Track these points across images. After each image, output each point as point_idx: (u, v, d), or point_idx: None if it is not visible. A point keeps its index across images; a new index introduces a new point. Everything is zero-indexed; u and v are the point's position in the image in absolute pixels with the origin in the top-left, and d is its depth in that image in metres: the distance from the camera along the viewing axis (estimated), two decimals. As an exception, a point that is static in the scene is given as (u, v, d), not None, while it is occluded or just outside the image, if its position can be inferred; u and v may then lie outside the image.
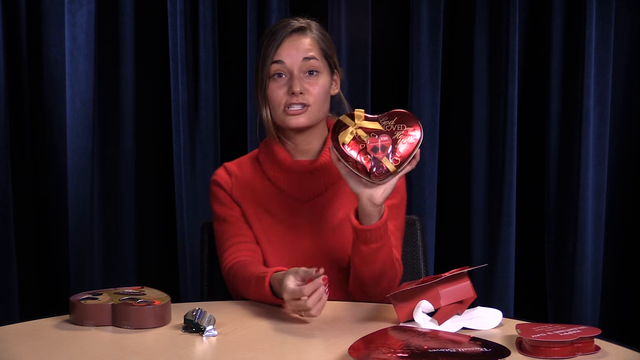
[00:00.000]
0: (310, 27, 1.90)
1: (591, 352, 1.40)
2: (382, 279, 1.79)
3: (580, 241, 2.80)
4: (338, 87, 1.95)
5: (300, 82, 1.84)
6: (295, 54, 1.85)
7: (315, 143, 1.92)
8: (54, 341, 1.50)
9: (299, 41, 1.87)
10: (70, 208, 2.84)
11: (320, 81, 1.87)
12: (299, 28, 1.88)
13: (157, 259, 2.97)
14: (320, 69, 1.87)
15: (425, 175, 2.86)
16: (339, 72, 1.95)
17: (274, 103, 1.87)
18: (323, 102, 1.88)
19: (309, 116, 1.86)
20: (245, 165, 1.98)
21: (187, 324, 1.54)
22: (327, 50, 1.90)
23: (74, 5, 2.81)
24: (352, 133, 1.70)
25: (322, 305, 1.61)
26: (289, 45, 1.86)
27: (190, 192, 2.90)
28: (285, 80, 1.86)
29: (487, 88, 2.87)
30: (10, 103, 2.81)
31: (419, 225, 2.10)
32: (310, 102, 1.85)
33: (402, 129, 1.70)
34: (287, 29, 1.87)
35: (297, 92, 1.83)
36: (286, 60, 1.85)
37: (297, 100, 1.84)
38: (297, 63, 1.85)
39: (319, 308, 1.60)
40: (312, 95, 1.85)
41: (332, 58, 1.92)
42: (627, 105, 2.86)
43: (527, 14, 2.85)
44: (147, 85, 2.92)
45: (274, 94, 1.86)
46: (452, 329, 1.53)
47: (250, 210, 1.92)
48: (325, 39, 1.91)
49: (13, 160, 2.82)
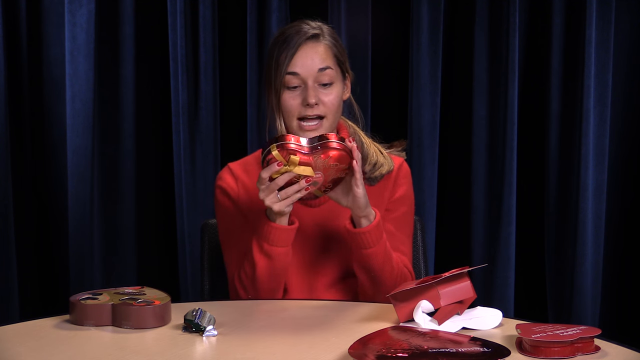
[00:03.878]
0: (323, 32, 1.88)
1: (591, 352, 1.40)
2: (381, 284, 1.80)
3: (580, 241, 2.80)
4: (349, 91, 1.94)
5: (315, 92, 1.83)
6: (310, 64, 1.84)
7: None
8: (54, 341, 1.49)
9: (314, 50, 1.85)
10: (70, 208, 2.83)
11: (334, 91, 1.86)
12: (313, 35, 1.86)
13: (157, 259, 2.97)
14: (334, 79, 1.86)
15: (425, 175, 2.86)
16: (350, 75, 1.94)
17: (288, 114, 1.85)
18: (337, 111, 1.88)
19: (324, 129, 1.85)
20: (251, 166, 1.95)
21: (187, 324, 1.54)
22: (340, 56, 1.89)
23: (74, 5, 2.81)
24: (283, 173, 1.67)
25: (276, 195, 1.69)
26: (304, 55, 1.84)
27: (190, 192, 2.90)
28: (299, 90, 1.84)
29: (487, 88, 2.87)
30: (10, 103, 2.81)
31: (419, 225, 2.10)
32: (325, 113, 1.84)
33: (334, 165, 1.68)
34: (300, 37, 1.84)
35: (312, 103, 1.82)
36: (301, 72, 1.83)
37: (312, 112, 1.83)
38: (312, 74, 1.84)
39: (270, 198, 1.69)
40: (327, 106, 1.84)
41: (344, 64, 1.91)
42: (627, 105, 2.86)
43: (527, 14, 2.85)
44: (147, 85, 2.92)
45: (289, 104, 1.84)
46: (452, 329, 1.53)
47: (257, 215, 1.87)
48: (337, 44, 1.90)
49: (13, 160, 2.82)
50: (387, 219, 1.90)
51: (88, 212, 2.85)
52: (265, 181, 1.69)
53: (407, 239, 1.93)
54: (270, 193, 1.70)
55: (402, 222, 1.92)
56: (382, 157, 1.93)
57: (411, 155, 2.85)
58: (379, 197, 1.91)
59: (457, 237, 2.92)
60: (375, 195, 1.90)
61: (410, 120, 2.87)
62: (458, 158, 2.92)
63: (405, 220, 1.93)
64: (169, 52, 2.85)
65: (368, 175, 1.90)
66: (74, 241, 2.85)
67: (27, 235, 2.87)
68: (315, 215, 1.90)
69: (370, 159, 1.91)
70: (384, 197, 1.92)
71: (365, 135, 1.96)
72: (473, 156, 2.88)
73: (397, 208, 1.92)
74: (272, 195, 1.70)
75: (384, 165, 1.91)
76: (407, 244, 1.93)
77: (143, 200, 2.94)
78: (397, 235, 1.90)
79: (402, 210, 1.92)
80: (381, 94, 2.92)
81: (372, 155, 1.92)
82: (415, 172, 2.84)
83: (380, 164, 1.91)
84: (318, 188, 1.72)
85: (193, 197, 2.90)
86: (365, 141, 1.94)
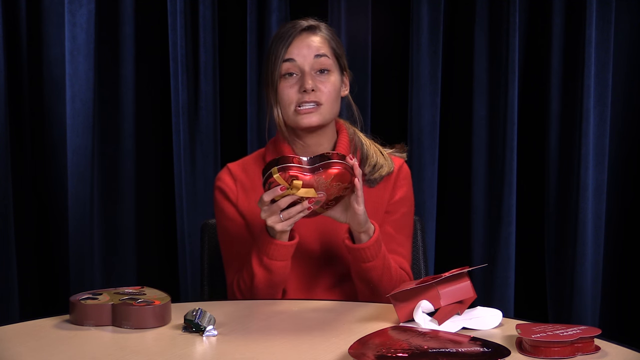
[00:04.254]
0: (320, 26, 1.89)
1: (591, 352, 1.40)
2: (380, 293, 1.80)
3: (580, 241, 2.80)
4: (347, 88, 1.94)
5: (312, 79, 1.83)
6: (307, 51, 1.84)
7: (326, 144, 1.91)
8: (54, 341, 1.49)
9: (310, 39, 1.85)
10: (70, 208, 2.84)
11: (331, 79, 1.85)
12: (309, 27, 1.87)
13: (157, 259, 2.97)
14: (331, 67, 1.86)
15: (425, 175, 2.86)
16: (348, 74, 1.94)
17: (286, 102, 1.84)
18: (334, 101, 1.86)
19: (321, 114, 1.84)
20: (250, 166, 1.95)
21: (187, 324, 1.54)
22: (337, 50, 1.89)
23: (74, 5, 2.81)
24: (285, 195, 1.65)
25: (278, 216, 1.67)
26: (300, 44, 1.84)
27: (190, 192, 2.90)
28: (296, 79, 1.84)
29: (487, 88, 2.87)
30: (10, 103, 2.81)
31: (419, 225, 2.10)
32: (322, 100, 1.83)
33: (336, 184, 1.66)
34: (297, 28, 1.86)
35: (309, 89, 1.81)
36: (297, 58, 1.83)
37: (309, 98, 1.82)
38: (308, 61, 1.84)
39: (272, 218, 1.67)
40: (324, 93, 1.83)
41: (342, 58, 1.91)
42: (627, 105, 2.86)
43: (527, 14, 2.85)
44: (147, 85, 2.92)
45: (285, 92, 1.84)
46: (452, 329, 1.53)
47: (255, 217, 1.88)
48: (334, 39, 1.90)
49: (13, 160, 2.82)
50: (387, 221, 1.90)
51: (88, 212, 2.85)
52: (267, 203, 1.66)
53: (406, 240, 1.93)
54: (272, 214, 1.68)
55: (401, 223, 1.92)
56: (382, 158, 1.92)
57: (411, 155, 2.85)
58: (378, 198, 1.91)
59: (457, 237, 2.92)
60: (374, 197, 1.90)
61: (410, 120, 2.87)
62: (458, 158, 2.92)
63: (404, 221, 1.92)
64: (169, 52, 2.85)
65: (368, 177, 1.90)
66: (74, 241, 2.85)
67: (27, 235, 2.87)
68: (315, 220, 1.89)
69: (370, 161, 1.91)
70: (383, 199, 1.91)
71: (365, 137, 1.96)
72: (473, 156, 2.88)
73: (397, 210, 1.92)
74: (274, 217, 1.68)
75: (383, 166, 1.91)
76: (406, 246, 1.92)
77: (143, 200, 2.94)
78: (397, 237, 1.90)
79: (401, 211, 1.92)
80: (381, 94, 2.92)
81: (372, 156, 1.91)
82: (415, 172, 2.84)
83: (380, 166, 1.91)
84: (320, 205, 1.70)
85: (193, 197, 2.90)
86: (365, 142, 1.94)
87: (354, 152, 1.92)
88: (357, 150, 1.93)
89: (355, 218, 1.72)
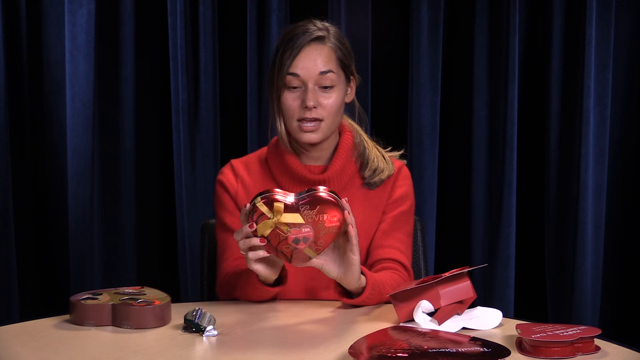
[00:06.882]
0: (329, 34, 1.87)
1: (591, 352, 1.40)
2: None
3: (580, 241, 2.80)
4: (353, 94, 1.94)
5: (314, 95, 1.83)
6: (312, 67, 1.83)
7: (328, 150, 1.92)
8: (54, 341, 1.50)
9: (317, 52, 1.84)
10: (70, 208, 2.83)
11: (334, 95, 1.85)
12: (318, 37, 1.85)
13: (157, 259, 2.97)
14: (335, 83, 1.86)
15: (425, 175, 2.86)
16: (356, 78, 1.94)
17: (288, 115, 1.85)
18: (336, 115, 1.87)
19: (322, 131, 1.85)
20: (253, 165, 1.96)
21: (187, 324, 1.54)
22: (344, 59, 1.89)
23: (74, 5, 2.81)
24: (272, 226, 1.56)
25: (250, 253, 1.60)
26: (306, 57, 1.84)
27: (190, 192, 2.90)
28: (299, 91, 1.84)
29: (487, 88, 2.87)
30: (10, 103, 2.81)
31: (419, 225, 2.10)
32: (323, 116, 1.84)
33: (323, 219, 1.57)
34: (305, 37, 1.84)
35: (311, 106, 1.82)
36: (301, 73, 1.83)
37: (311, 114, 1.83)
38: (312, 77, 1.83)
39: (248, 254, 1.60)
40: (326, 109, 1.84)
41: (349, 67, 1.90)
42: (627, 105, 2.86)
43: (527, 14, 2.85)
44: (147, 85, 2.92)
45: (288, 105, 1.85)
46: (452, 329, 1.53)
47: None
48: (343, 47, 1.89)
49: (13, 160, 2.82)
50: (384, 218, 1.91)
51: (88, 212, 2.85)
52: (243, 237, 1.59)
53: (406, 238, 1.93)
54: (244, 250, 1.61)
55: (400, 220, 1.91)
56: (383, 162, 1.93)
57: (411, 155, 2.85)
58: (377, 199, 1.91)
59: (457, 237, 2.92)
60: (373, 199, 1.90)
61: (410, 120, 2.87)
62: (458, 158, 2.92)
63: (403, 219, 1.92)
64: (169, 52, 2.85)
65: (367, 180, 1.91)
66: (74, 241, 2.85)
67: (27, 235, 2.87)
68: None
69: (371, 165, 1.92)
70: (382, 200, 1.92)
71: (368, 139, 1.97)
72: (473, 156, 2.88)
73: (396, 207, 1.92)
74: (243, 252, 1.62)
75: (384, 170, 1.92)
76: (405, 243, 1.92)
77: (143, 200, 2.94)
78: (394, 234, 1.90)
79: (400, 209, 1.91)
80: (381, 94, 2.92)
81: (373, 160, 1.93)
82: (415, 172, 2.84)
83: (380, 170, 1.92)
84: (308, 246, 1.58)
85: (193, 197, 2.90)
86: (368, 145, 1.95)
87: (357, 156, 1.93)
88: (359, 154, 1.93)
89: (351, 270, 1.66)
